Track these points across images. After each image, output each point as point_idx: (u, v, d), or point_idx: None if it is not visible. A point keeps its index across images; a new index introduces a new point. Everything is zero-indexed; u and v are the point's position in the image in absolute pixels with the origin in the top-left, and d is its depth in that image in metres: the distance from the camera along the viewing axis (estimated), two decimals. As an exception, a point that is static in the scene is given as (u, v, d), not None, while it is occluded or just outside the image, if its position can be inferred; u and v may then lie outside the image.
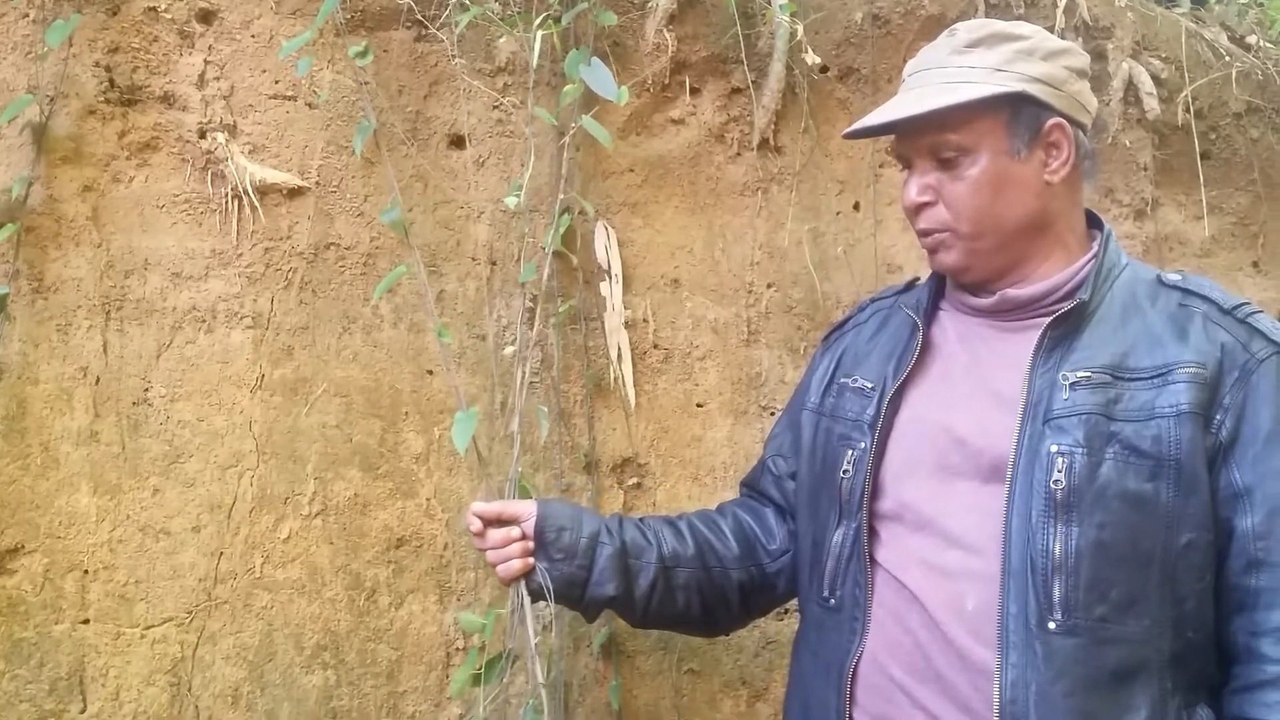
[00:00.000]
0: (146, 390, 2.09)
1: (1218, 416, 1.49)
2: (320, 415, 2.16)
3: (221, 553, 2.09)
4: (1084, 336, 1.56)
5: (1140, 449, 1.47)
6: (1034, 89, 1.57)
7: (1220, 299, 1.57)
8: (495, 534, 1.79)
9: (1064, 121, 1.59)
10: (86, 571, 2.03)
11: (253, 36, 2.18)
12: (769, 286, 2.42)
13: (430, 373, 2.22)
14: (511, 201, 2.14)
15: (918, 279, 1.89)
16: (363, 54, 2.11)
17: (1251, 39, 2.92)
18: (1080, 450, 1.47)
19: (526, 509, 1.80)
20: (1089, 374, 1.52)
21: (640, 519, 1.89)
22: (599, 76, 2.09)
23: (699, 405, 2.37)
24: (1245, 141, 2.76)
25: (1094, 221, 1.71)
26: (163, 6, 2.14)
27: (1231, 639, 1.48)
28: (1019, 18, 2.47)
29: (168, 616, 2.05)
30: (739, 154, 2.44)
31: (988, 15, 2.49)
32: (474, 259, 2.27)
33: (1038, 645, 1.44)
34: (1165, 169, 2.69)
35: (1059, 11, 2.54)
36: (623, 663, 2.24)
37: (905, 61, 2.45)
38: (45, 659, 1.99)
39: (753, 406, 2.39)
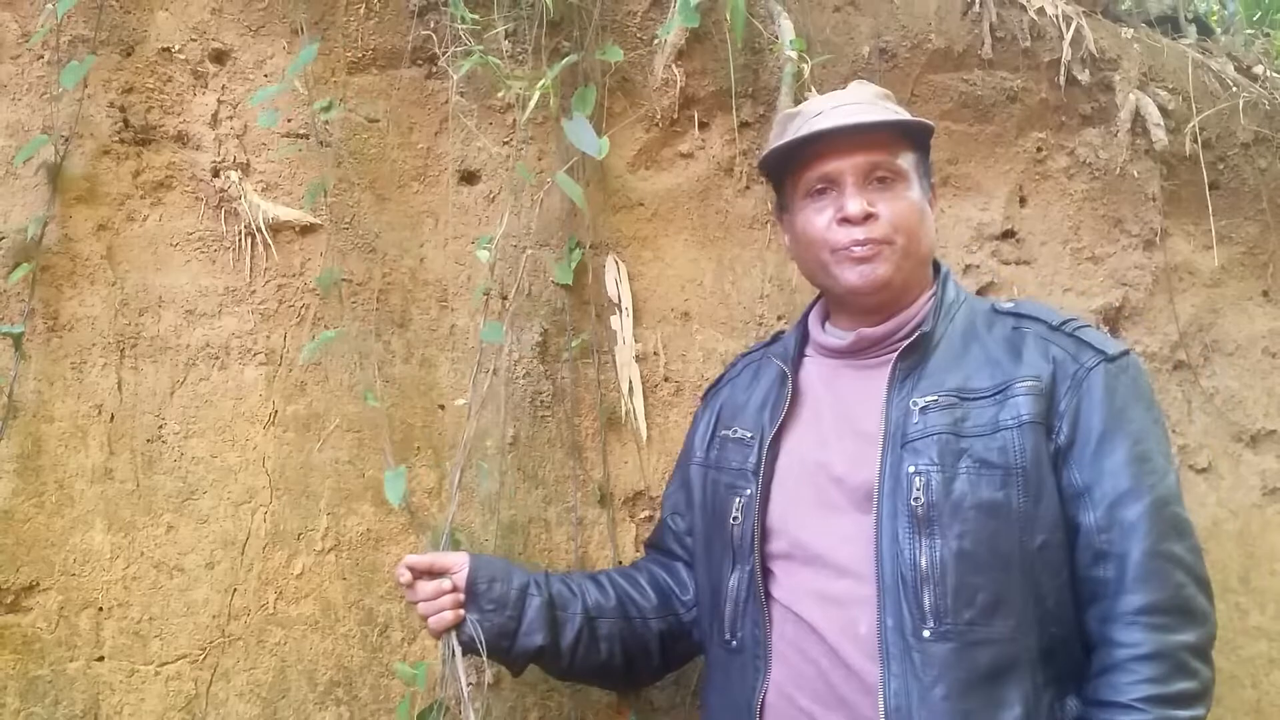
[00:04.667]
0: (160, 427, 2.10)
1: (1056, 424, 1.61)
2: (333, 451, 2.17)
3: (235, 589, 2.09)
4: (930, 365, 1.69)
5: (989, 460, 1.59)
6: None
7: (1049, 317, 1.72)
8: (425, 586, 1.84)
9: (934, 184, 1.85)
10: (101, 609, 2.03)
11: (265, 76, 2.20)
12: (779, 319, 2.43)
13: (442, 407, 2.23)
14: (483, 255, 2.15)
15: (782, 333, 2.02)
16: (327, 109, 2.14)
17: (1258, 69, 2.93)
18: (935, 468, 1.59)
19: (458, 560, 1.86)
20: (936, 397, 1.65)
21: (564, 574, 1.98)
22: (580, 132, 2.11)
23: (710, 438, 2.37)
24: (1253, 171, 2.77)
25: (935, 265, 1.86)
26: (176, 47, 2.16)
27: (1087, 628, 1.58)
28: (1024, 51, 2.51)
29: (182, 653, 2.05)
30: (748, 187, 2.45)
31: (994, 48, 2.52)
32: (484, 293, 2.28)
33: (915, 654, 1.54)
34: (1174, 199, 2.70)
35: (1065, 44, 2.56)
36: (635, 696, 2.23)
37: (913, 95, 2.51)
38: (60, 696, 2.00)
39: (764, 439, 2.38)
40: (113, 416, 2.08)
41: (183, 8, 2.18)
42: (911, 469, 1.60)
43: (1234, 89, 2.77)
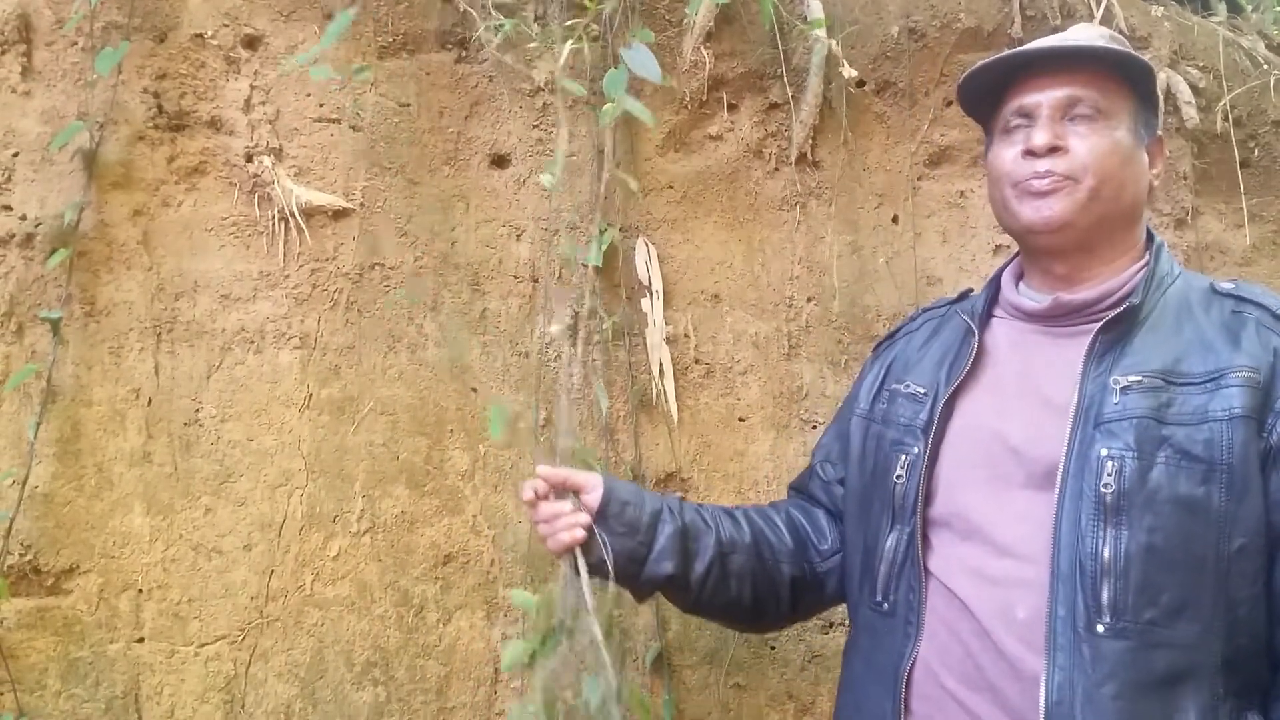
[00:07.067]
0: (197, 411, 2.12)
1: (1269, 420, 1.46)
2: (367, 434, 2.18)
3: (272, 571, 2.11)
4: (1135, 342, 1.55)
5: (1192, 453, 1.45)
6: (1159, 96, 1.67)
7: (1273, 305, 1.56)
8: (546, 508, 1.74)
9: (1162, 138, 1.69)
10: (140, 590, 2.06)
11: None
12: (809, 300, 2.43)
13: (474, 390, 2.24)
14: (546, 180, 2.10)
15: (970, 290, 1.89)
16: (361, 70, 2.12)
17: (1289, 46, 2.91)
18: (1131, 454, 1.46)
19: (592, 480, 1.76)
20: (1140, 378, 1.51)
21: (699, 505, 1.87)
22: (642, 59, 2.00)
23: (741, 419, 2.38)
24: (1285, 149, 2.75)
25: (1147, 235, 1.72)
26: (209, 33, 2.17)
27: (1277, 644, 1.47)
28: (1055, 28, 2.48)
29: (220, 634, 2.08)
30: (777, 169, 2.45)
31: (1024, 26, 2.50)
32: (516, 277, 2.29)
33: (1085, 648, 1.43)
34: (1205, 178, 2.68)
35: (1096, 21, 2.54)
36: (669, 676, 2.24)
37: (942, 75, 2.50)
38: (101, 678, 2.02)
39: (794, 420, 2.39)
40: (150, 400, 2.10)
41: (214, -7, 2.19)
42: (1104, 451, 1.47)
43: (1265, 66, 2.74)
